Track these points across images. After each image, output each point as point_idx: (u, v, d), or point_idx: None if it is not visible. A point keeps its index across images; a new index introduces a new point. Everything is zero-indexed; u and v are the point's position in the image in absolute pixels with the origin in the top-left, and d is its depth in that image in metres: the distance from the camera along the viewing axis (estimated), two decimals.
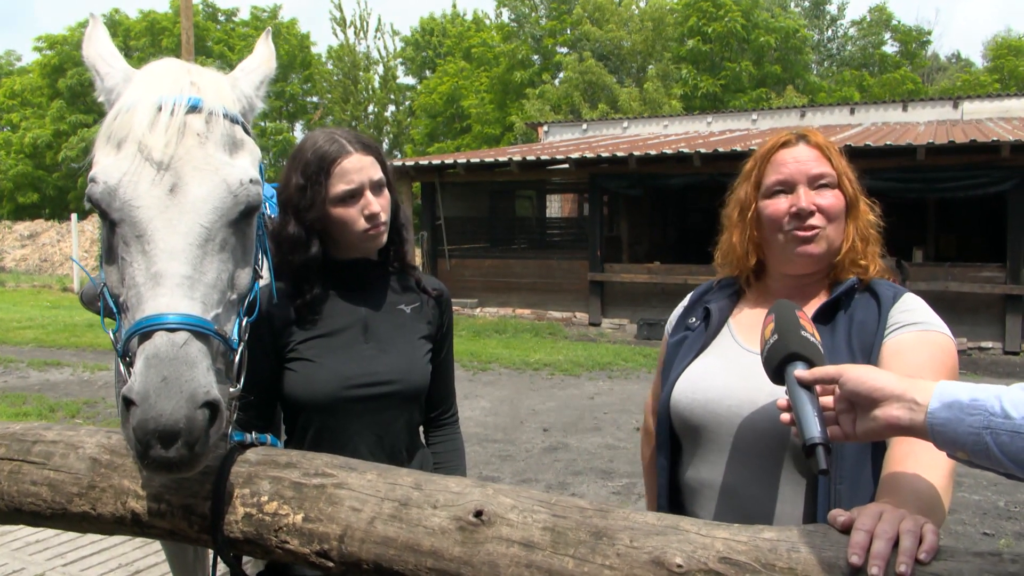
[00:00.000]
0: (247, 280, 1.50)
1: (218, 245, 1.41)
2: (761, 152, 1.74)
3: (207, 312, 1.35)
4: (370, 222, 1.79)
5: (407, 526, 1.27)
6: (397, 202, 1.90)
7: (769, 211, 1.67)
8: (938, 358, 1.49)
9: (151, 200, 1.37)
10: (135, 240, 1.36)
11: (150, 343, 1.27)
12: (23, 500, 1.61)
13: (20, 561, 4.36)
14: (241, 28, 43.09)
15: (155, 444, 1.23)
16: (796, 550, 1.08)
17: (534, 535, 1.20)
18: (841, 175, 1.68)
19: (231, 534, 1.40)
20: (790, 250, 1.65)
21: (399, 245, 1.92)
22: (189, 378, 1.26)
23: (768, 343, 1.37)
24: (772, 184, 1.68)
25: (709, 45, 32.00)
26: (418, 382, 1.90)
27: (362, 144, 1.83)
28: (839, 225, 1.66)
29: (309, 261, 1.83)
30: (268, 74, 1.67)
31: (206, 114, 1.45)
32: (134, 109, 1.42)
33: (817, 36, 40.68)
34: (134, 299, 1.34)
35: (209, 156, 1.42)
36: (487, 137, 34.58)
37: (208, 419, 1.28)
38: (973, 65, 43.63)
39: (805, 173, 1.65)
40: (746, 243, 1.74)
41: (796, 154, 1.67)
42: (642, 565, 1.13)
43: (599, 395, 9.31)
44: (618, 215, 18.22)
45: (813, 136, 1.71)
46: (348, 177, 1.79)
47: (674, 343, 1.80)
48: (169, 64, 1.54)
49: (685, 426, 1.67)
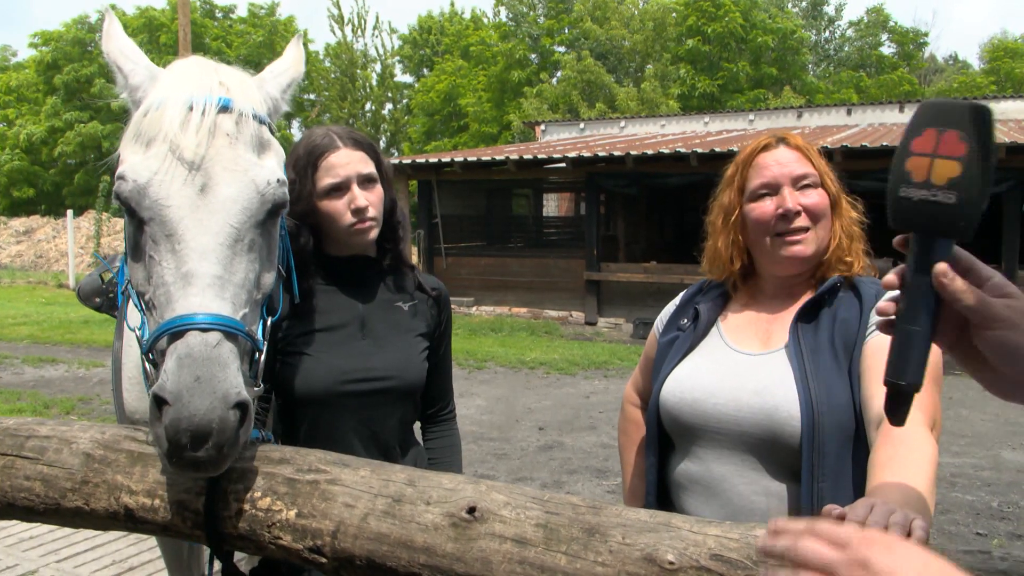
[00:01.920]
0: (271, 280, 1.50)
1: (246, 245, 1.41)
2: (742, 157, 1.76)
3: (236, 312, 1.36)
4: (356, 216, 1.81)
5: (400, 522, 1.27)
6: (393, 199, 1.91)
7: (755, 214, 1.68)
8: None
9: (181, 199, 1.37)
10: (165, 239, 1.36)
11: (182, 342, 1.27)
12: (16, 495, 1.61)
13: (14, 557, 4.36)
14: (238, 25, 43.00)
15: (186, 443, 1.24)
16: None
17: (527, 532, 1.20)
18: (823, 175, 1.70)
19: (224, 530, 1.40)
20: (778, 252, 1.67)
21: (394, 242, 1.92)
22: (222, 378, 1.26)
23: (945, 183, 0.94)
24: (757, 187, 1.69)
25: (708, 45, 32.02)
26: (413, 379, 1.90)
27: (353, 140, 1.84)
28: (825, 224, 1.68)
29: (298, 253, 1.83)
30: (296, 77, 1.68)
31: (236, 115, 1.45)
32: (164, 107, 1.41)
33: (815, 37, 40.73)
34: (163, 298, 1.34)
35: (239, 156, 1.42)
36: (484, 136, 34.58)
37: (239, 420, 1.28)
38: (970, 67, 43.73)
39: (788, 175, 1.67)
40: (731, 248, 1.76)
41: (778, 156, 1.69)
42: (634, 562, 1.13)
43: (594, 394, 9.32)
44: (615, 214, 18.24)
45: (792, 139, 1.73)
46: (335, 171, 1.81)
47: (664, 343, 1.82)
48: (197, 62, 1.55)
49: (674, 425, 1.69)
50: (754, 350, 1.67)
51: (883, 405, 1.05)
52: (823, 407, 1.49)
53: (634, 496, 1.92)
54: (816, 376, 1.52)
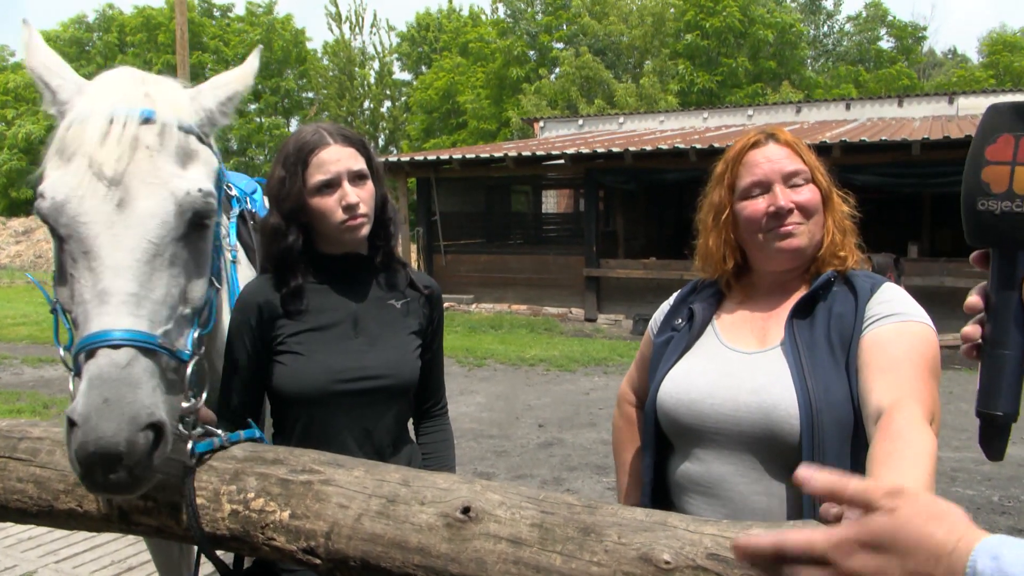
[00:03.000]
0: (201, 292, 1.48)
1: (167, 260, 1.39)
2: (731, 154, 1.74)
3: (155, 328, 1.33)
4: (347, 213, 1.79)
5: (394, 523, 1.26)
6: (384, 196, 1.90)
7: (747, 212, 1.67)
8: (918, 349, 1.48)
9: (97, 216, 1.35)
10: (82, 257, 1.34)
11: (93, 362, 1.26)
12: (9, 497, 1.60)
13: (12, 558, 4.35)
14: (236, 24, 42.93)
15: (96, 466, 1.21)
16: None
17: (522, 532, 1.19)
18: (814, 170, 1.69)
19: (217, 531, 1.39)
20: (771, 247, 1.65)
21: (385, 239, 1.91)
22: (131, 400, 1.24)
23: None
24: (748, 186, 1.68)
25: (706, 40, 31.97)
26: (407, 377, 1.89)
27: (343, 136, 1.83)
28: (818, 219, 1.67)
29: (287, 251, 1.83)
30: (239, 90, 1.65)
31: (159, 126, 1.43)
32: (85, 122, 1.39)
33: (813, 31, 40.67)
34: (82, 317, 1.32)
35: (158, 169, 1.40)
36: (483, 133, 34.54)
37: (151, 442, 1.26)
38: (969, 61, 43.69)
39: (779, 171, 1.65)
40: (723, 246, 1.74)
41: (768, 153, 1.68)
42: (630, 561, 1.12)
43: (594, 391, 9.31)
44: (614, 210, 18.22)
45: (782, 134, 1.71)
46: (325, 167, 1.79)
47: (660, 343, 1.80)
48: (123, 74, 1.53)
49: (672, 426, 1.67)
50: (750, 348, 1.65)
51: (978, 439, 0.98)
52: (821, 404, 1.48)
53: (628, 497, 1.91)
54: (813, 373, 1.51)
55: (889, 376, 1.41)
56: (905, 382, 1.39)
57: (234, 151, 38.99)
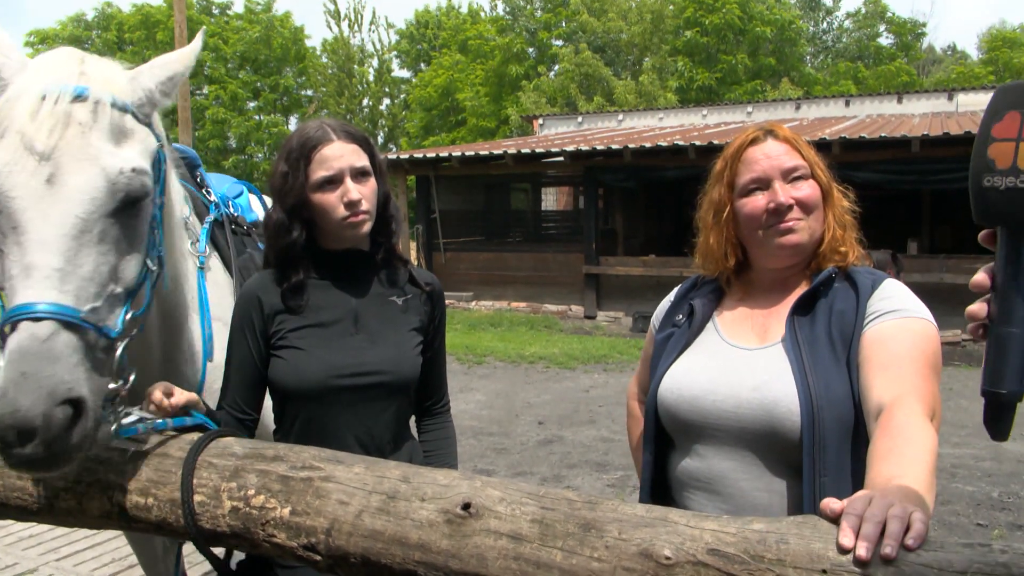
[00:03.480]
0: (133, 272, 1.48)
1: (96, 236, 1.40)
2: (730, 151, 1.73)
3: (81, 304, 1.34)
4: (349, 209, 1.80)
5: (395, 519, 1.26)
6: (387, 193, 1.90)
7: (747, 209, 1.67)
8: (919, 345, 1.48)
9: (27, 190, 1.36)
10: (11, 231, 1.35)
11: (15, 335, 1.27)
12: (9, 495, 1.60)
13: (13, 556, 4.35)
14: (235, 21, 42.86)
15: (13, 440, 1.21)
16: (785, 541, 1.08)
17: (522, 527, 1.19)
18: (813, 165, 1.68)
19: (218, 528, 1.39)
20: (771, 244, 1.65)
21: (387, 236, 1.91)
22: (49, 373, 1.24)
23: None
24: (747, 183, 1.67)
25: (706, 37, 31.94)
26: (407, 374, 1.89)
27: (346, 132, 1.83)
28: (818, 215, 1.67)
29: (289, 246, 1.84)
30: (179, 71, 1.66)
31: (91, 103, 1.44)
32: (18, 98, 1.41)
33: (812, 28, 40.63)
34: (9, 291, 1.33)
35: (89, 145, 1.41)
36: (482, 130, 34.49)
37: (69, 417, 1.26)
38: (968, 57, 43.64)
39: (778, 168, 1.65)
40: (724, 244, 1.74)
41: (767, 150, 1.67)
42: (630, 557, 1.12)
43: (594, 388, 9.31)
44: (613, 208, 18.21)
45: (780, 130, 1.71)
46: (328, 163, 1.80)
47: (661, 339, 1.80)
48: (61, 53, 1.54)
49: (673, 422, 1.67)
50: (751, 344, 1.65)
51: (982, 418, 0.98)
52: (822, 400, 1.48)
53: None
54: (814, 369, 1.51)
55: (890, 372, 1.41)
56: (906, 378, 1.39)
57: (233, 149, 38.93)
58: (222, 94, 38.79)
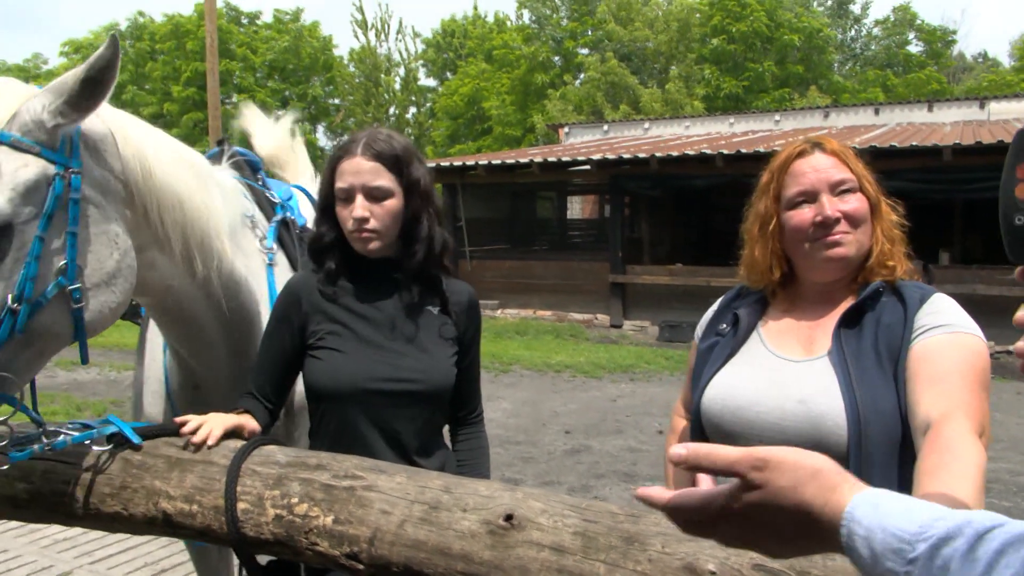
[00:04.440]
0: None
1: None
2: (777, 164, 1.73)
3: None
4: (354, 225, 1.84)
5: (437, 529, 1.27)
6: (416, 212, 1.90)
7: (794, 223, 1.66)
8: (968, 360, 1.46)
9: None
10: None
11: None
12: (56, 500, 1.63)
13: (49, 558, 4.41)
14: (264, 31, 43.37)
15: None
16: (832, 558, 1.07)
17: (564, 540, 1.20)
18: (861, 178, 1.67)
19: (261, 535, 1.41)
20: (818, 257, 1.64)
21: (410, 257, 1.91)
22: None
23: None
24: (794, 196, 1.67)
25: (733, 45, 31.83)
26: (441, 383, 1.91)
27: (374, 150, 1.85)
28: (866, 229, 1.65)
29: (324, 248, 1.91)
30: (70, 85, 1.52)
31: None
32: None
33: (840, 36, 40.34)
34: None
35: None
36: (508, 139, 34.58)
37: None
38: (1000, 65, 43.07)
39: (826, 181, 1.64)
40: (769, 256, 1.73)
41: (814, 163, 1.66)
42: (674, 571, 1.12)
43: (621, 397, 9.27)
44: (639, 216, 18.17)
45: (828, 143, 1.70)
46: (344, 177, 1.85)
47: (704, 349, 1.79)
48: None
49: (716, 432, 1.66)
50: (796, 356, 1.64)
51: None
52: (869, 415, 1.46)
53: None
54: (861, 383, 1.50)
55: (938, 388, 1.40)
56: (954, 394, 1.38)
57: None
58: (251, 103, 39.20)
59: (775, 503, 0.84)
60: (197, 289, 1.90)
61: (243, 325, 2.04)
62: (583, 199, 22.75)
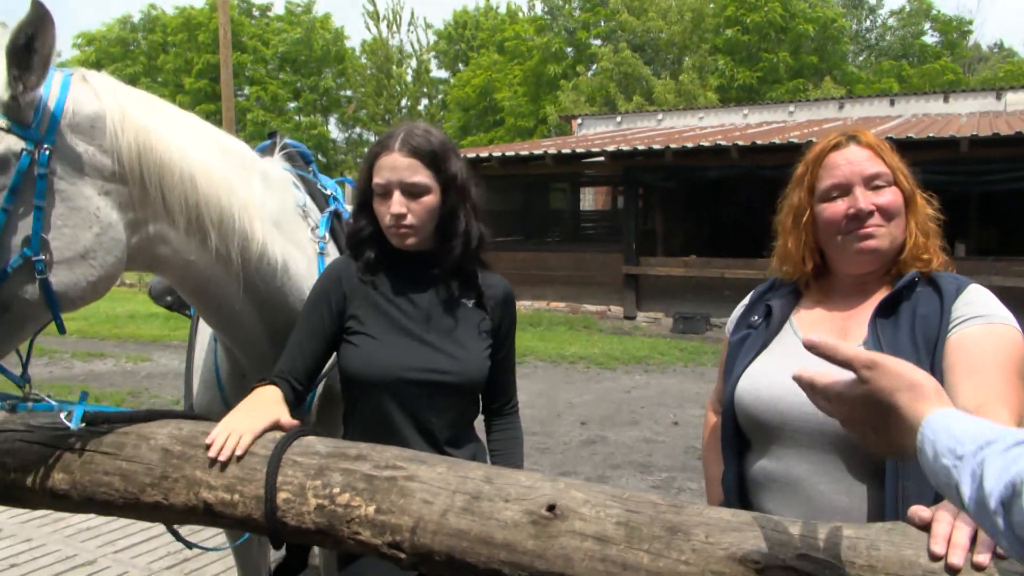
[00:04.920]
0: None
1: None
2: (811, 156, 1.73)
3: None
4: (391, 221, 1.86)
5: (479, 519, 1.28)
6: (454, 208, 1.91)
7: (827, 215, 1.67)
8: (1004, 351, 1.47)
9: None
10: None
11: None
12: (95, 490, 1.65)
13: (72, 547, 4.46)
14: (275, 23, 43.40)
15: None
16: (876, 548, 1.08)
17: (607, 530, 1.21)
18: (896, 172, 1.67)
19: (303, 524, 1.42)
20: (851, 249, 1.64)
21: (444, 253, 1.93)
22: None
23: None
24: (828, 188, 1.67)
25: (747, 36, 31.66)
26: (474, 375, 1.93)
27: (411, 147, 1.86)
28: (900, 222, 1.65)
29: (358, 233, 1.95)
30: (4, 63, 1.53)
31: None
32: None
33: (855, 26, 40.06)
34: None
35: None
36: (520, 130, 34.55)
37: None
38: (1016, 55, 42.68)
39: (860, 174, 1.64)
40: (803, 248, 1.73)
41: (848, 155, 1.67)
42: (718, 560, 1.13)
43: (635, 388, 9.29)
44: (652, 208, 18.12)
45: (863, 136, 1.70)
46: (381, 173, 1.87)
47: (736, 341, 1.80)
48: None
49: (750, 422, 1.67)
50: None
51: None
52: None
53: (715, 502, 1.90)
54: None
55: (975, 379, 1.41)
56: (992, 385, 1.39)
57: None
58: (263, 95, 39.29)
59: (874, 399, 1.04)
60: (218, 268, 1.88)
61: (284, 311, 2.04)
62: (595, 190, 22.69)
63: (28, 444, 1.72)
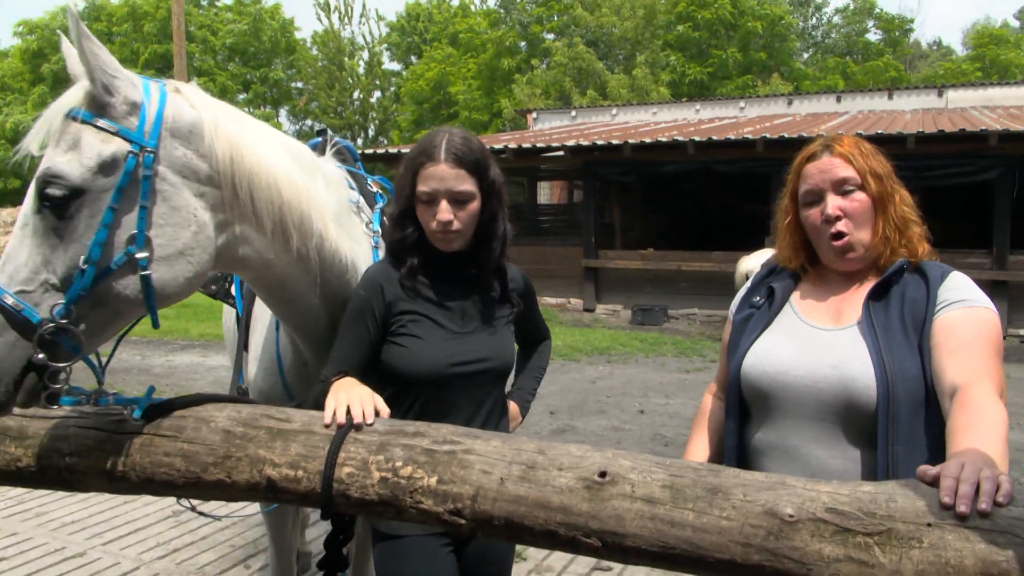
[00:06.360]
0: (64, 265, 1.63)
1: (31, 229, 1.64)
2: (794, 165, 1.95)
3: (11, 285, 1.59)
4: (438, 227, 1.98)
5: (536, 486, 1.43)
6: (493, 212, 2.06)
7: (809, 221, 1.88)
8: (984, 332, 1.68)
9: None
10: None
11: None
12: (156, 471, 1.75)
13: (60, 541, 4.48)
14: (224, 13, 42.72)
15: None
16: (893, 500, 1.25)
17: (654, 492, 1.36)
18: (864, 174, 1.83)
19: (366, 496, 1.55)
20: (832, 258, 1.86)
21: (486, 254, 2.09)
22: None
23: None
24: (804, 195, 1.89)
25: (698, 32, 32.17)
26: (508, 360, 2.14)
27: (456, 157, 1.97)
28: (867, 224, 1.83)
29: (399, 241, 2.05)
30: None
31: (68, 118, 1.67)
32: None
33: (802, 23, 40.95)
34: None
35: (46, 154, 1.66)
36: (475, 124, 34.58)
37: None
38: (954, 53, 44.09)
39: (829, 180, 1.84)
40: (788, 248, 1.97)
41: (820, 165, 1.86)
42: (756, 516, 1.29)
43: (600, 379, 9.50)
44: (610, 202, 18.37)
45: (838, 145, 1.87)
46: (429, 183, 1.98)
47: (740, 320, 2.00)
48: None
49: (755, 395, 1.86)
50: (827, 326, 1.84)
51: None
52: (896, 378, 1.67)
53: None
54: (890, 350, 1.70)
55: (961, 356, 1.61)
56: (976, 362, 1.59)
57: None
58: (212, 86, 38.55)
59: None
60: (297, 266, 2.00)
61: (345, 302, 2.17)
62: (552, 185, 22.91)
63: (83, 429, 1.82)
